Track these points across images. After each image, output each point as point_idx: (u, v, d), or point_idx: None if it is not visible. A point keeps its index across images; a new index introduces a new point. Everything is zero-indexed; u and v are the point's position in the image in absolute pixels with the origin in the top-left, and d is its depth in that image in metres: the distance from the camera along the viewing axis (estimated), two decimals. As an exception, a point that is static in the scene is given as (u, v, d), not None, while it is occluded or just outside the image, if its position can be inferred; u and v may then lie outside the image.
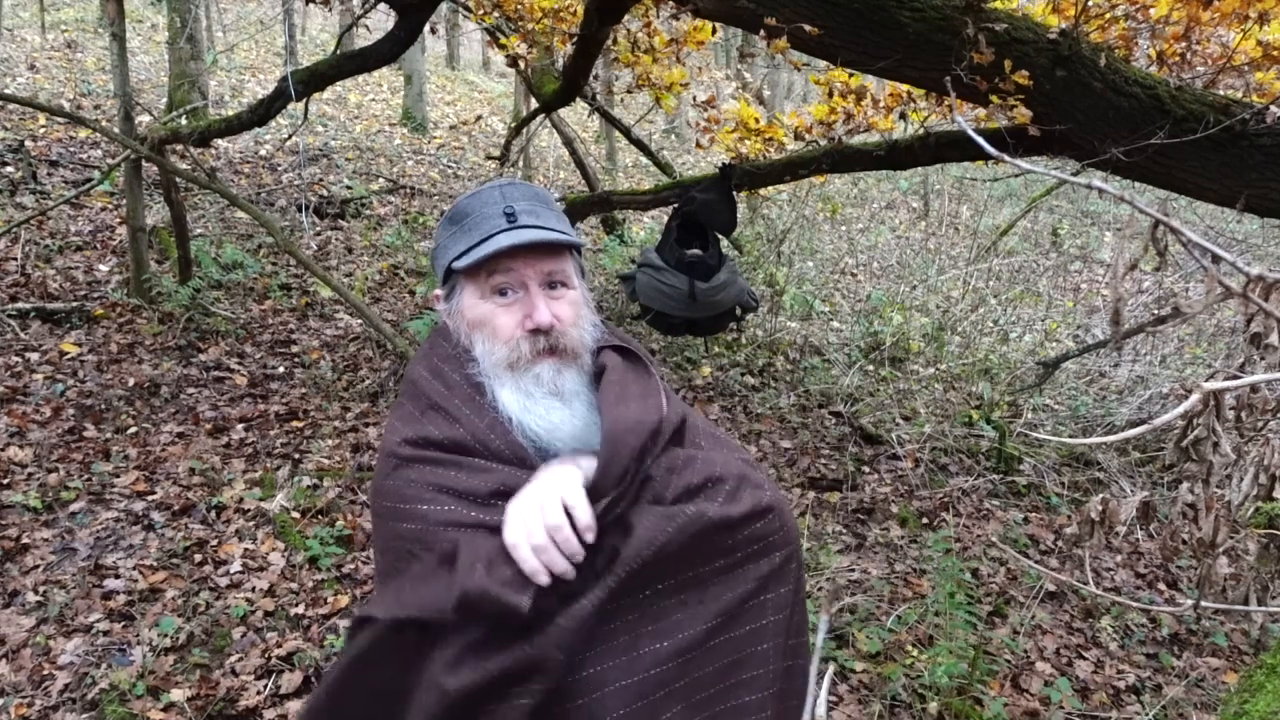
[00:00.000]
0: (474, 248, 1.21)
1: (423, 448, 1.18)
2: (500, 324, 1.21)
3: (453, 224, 1.26)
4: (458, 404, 1.21)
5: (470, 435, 1.18)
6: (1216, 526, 1.24)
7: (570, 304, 1.24)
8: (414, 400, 1.25)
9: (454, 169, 10.38)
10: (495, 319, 1.22)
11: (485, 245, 1.20)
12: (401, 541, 1.16)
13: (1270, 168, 2.87)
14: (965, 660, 3.00)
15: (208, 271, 5.83)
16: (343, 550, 3.48)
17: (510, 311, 1.22)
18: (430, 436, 1.18)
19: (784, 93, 14.15)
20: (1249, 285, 0.97)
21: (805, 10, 3.01)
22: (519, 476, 1.15)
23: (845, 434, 5.06)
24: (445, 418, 1.20)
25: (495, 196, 1.25)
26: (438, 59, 17.95)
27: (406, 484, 1.17)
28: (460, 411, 1.21)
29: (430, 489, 1.16)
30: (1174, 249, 3.97)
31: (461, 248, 1.23)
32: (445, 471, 1.16)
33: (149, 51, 12.22)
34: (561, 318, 1.22)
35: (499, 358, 1.21)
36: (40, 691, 2.68)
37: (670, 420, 1.21)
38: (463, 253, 1.22)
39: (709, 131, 4.64)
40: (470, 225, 1.24)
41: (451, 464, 1.17)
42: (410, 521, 1.15)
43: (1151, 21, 3.30)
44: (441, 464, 1.17)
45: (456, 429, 1.19)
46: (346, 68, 5.13)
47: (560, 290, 1.24)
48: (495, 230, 1.21)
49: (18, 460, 3.79)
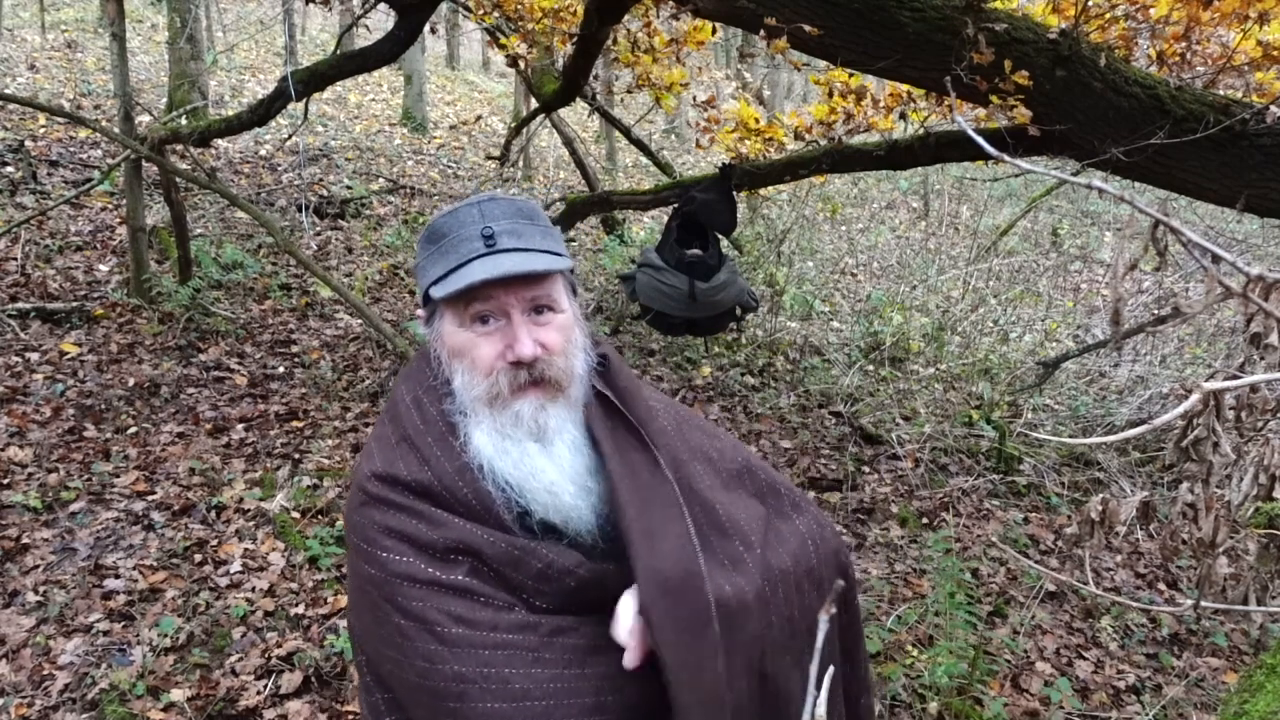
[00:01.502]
0: (450, 274, 1.14)
1: (389, 487, 1.15)
2: (480, 355, 1.15)
3: (430, 244, 1.19)
4: (430, 442, 1.17)
5: (437, 480, 1.15)
6: (1216, 526, 1.24)
7: (558, 330, 1.17)
8: (393, 424, 1.22)
9: (454, 169, 10.39)
10: (475, 349, 1.15)
11: (462, 274, 1.13)
12: (361, 581, 1.16)
13: (1270, 168, 2.86)
14: (965, 660, 3.00)
15: (208, 271, 5.83)
16: (342, 550, 3.48)
17: (491, 341, 1.15)
18: (398, 476, 1.15)
19: (784, 93, 14.15)
20: (1249, 285, 0.97)
21: (805, 10, 3.01)
22: (476, 534, 1.12)
23: (845, 434, 5.06)
24: (416, 456, 1.17)
25: (474, 215, 1.17)
26: (438, 59, 17.95)
27: (370, 524, 1.15)
28: (431, 451, 1.17)
29: (391, 535, 1.14)
30: (1174, 249, 3.96)
31: (439, 271, 1.16)
32: (406, 519, 1.14)
33: (149, 51, 12.22)
34: (548, 345, 1.15)
35: (478, 392, 1.15)
36: (40, 691, 2.68)
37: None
38: (440, 278, 1.15)
39: (709, 131, 4.63)
40: (447, 247, 1.16)
41: (413, 512, 1.14)
42: (371, 565, 1.14)
43: (1151, 21, 3.30)
44: (403, 509, 1.14)
45: (425, 471, 1.15)
46: (346, 68, 5.13)
47: (547, 315, 1.16)
48: (472, 256, 1.13)
49: (18, 460, 3.79)
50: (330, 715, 2.71)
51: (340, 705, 2.75)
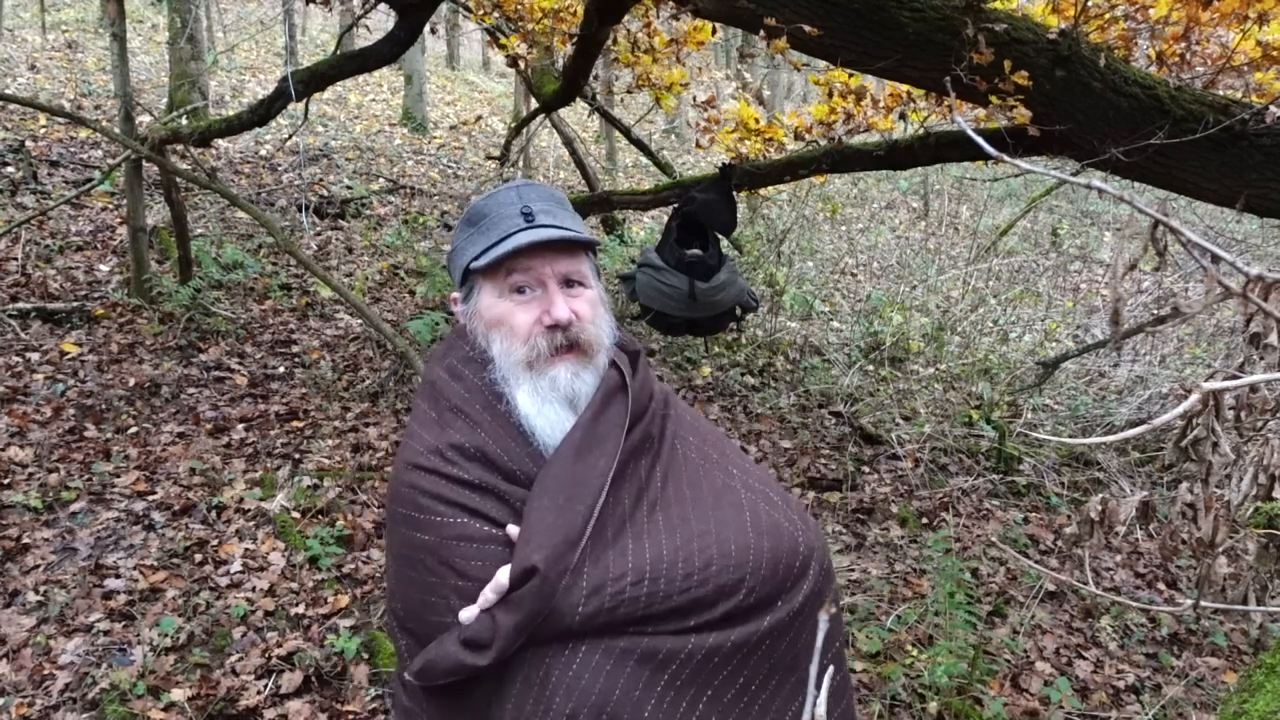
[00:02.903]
0: (492, 247, 1.21)
1: (444, 455, 1.18)
2: (518, 321, 1.21)
3: (470, 225, 1.27)
4: (479, 409, 1.21)
5: (493, 441, 1.19)
6: (1216, 526, 1.24)
7: (588, 302, 1.24)
8: (432, 402, 1.25)
9: (454, 169, 10.39)
10: (513, 316, 1.22)
11: (504, 244, 1.20)
12: (414, 551, 1.17)
13: (1270, 168, 2.87)
14: (965, 660, 3.00)
15: (208, 271, 5.83)
16: (343, 550, 3.48)
17: (528, 308, 1.22)
18: (453, 441, 1.18)
19: (784, 93, 14.15)
20: (1248, 285, 0.97)
21: (805, 10, 3.01)
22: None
23: (845, 434, 5.06)
24: (467, 422, 1.20)
25: (512, 197, 1.25)
26: (438, 59, 17.95)
27: (421, 492, 1.17)
28: (481, 417, 1.21)
29: (443, 501, 1.16)
30: (1174, 249, 3.97)
31: (479, 248, 1.23)
32: (460, 489, 1.16)
33: (149, 51, 12.22)
34: (580, 314, 1.22)
35: (518, 357, 1.21)
36: (41, 691, 2.68)
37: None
38: (481, 253, 1.22)
39: (709, 131, 4.64)
40: (487, 226, 1.24)
41: (468, 479, 1.17)
42: (425, 532, 1.16)
43: (1151, 22, 3.30)
44: (458, 478, 1.17)
45: (479, 434, 1.19)
46: (347, 68, 5.13)
47: (578, 289, 1.24)
48: (514, 230, 1.21)
49: (18, 460, 3.79)
50: (330, 715, 2.72)
51: (340, 705, 2.75)
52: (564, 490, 1.14)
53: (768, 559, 1.18)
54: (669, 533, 1.16)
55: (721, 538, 1.17)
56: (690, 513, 1.20)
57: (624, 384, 1.25)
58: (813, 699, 0.69)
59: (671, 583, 1.12)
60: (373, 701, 2.77)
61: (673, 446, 1.27)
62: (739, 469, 1.30)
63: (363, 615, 3.14)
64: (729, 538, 1.18)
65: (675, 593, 1.11)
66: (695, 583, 1.13)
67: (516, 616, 1.07)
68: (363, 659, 2.92)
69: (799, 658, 1.21)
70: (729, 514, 1.21)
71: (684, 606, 1.12)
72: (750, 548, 1.18)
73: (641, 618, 1.11)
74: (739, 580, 1.15)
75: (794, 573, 1.20)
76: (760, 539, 1.19)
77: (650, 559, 1.13)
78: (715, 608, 1.13)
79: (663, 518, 1.18)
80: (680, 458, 1.27)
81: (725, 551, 1.16)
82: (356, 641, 2.96)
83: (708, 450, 1.31)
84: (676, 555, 1.14)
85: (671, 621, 1.12)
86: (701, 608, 1.12)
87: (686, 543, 1.16)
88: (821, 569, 1.25)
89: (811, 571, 1.22)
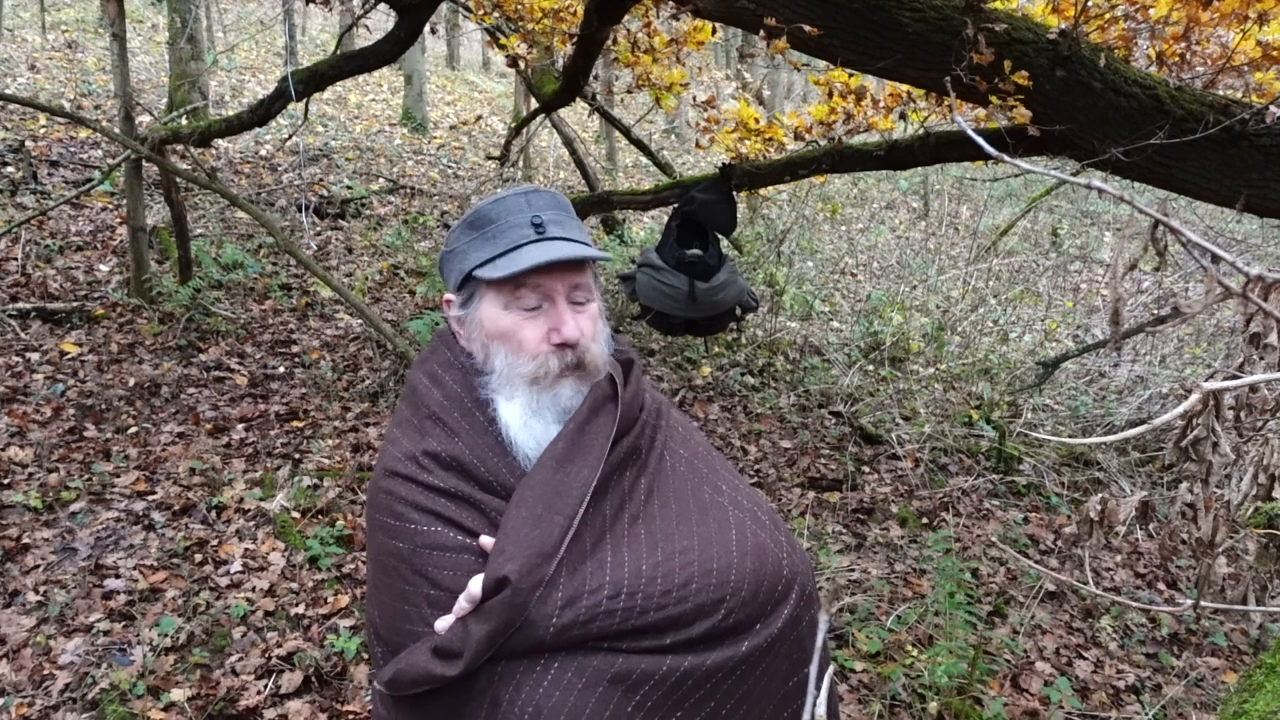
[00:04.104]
0: (501, 257, 1.18)
1: (419, 463, 1.17)
2: (526, 336, 1.18)
3: (473, 229, 1.22)
4: (456, 417, 1.20)
5: (469, 450, 1.17)
6: (1216, 526, 1.24)
7: (591, 318, 1.22)
8: (413, 407, 1.24)
9: (454, 169, 10.39)
10: (521, 331, 1.19)
11: (516, 257, 1.17)
12: (389, 558, 1.16)
13: (1270, 168, 2.87)
14: (965, 660, 3.00)
15: (208, 271, 5.83)
16: (343, 550, 3.48)
17: (536, 324, 1.19)
18: (429, 449, 1.17)
19: (784, 93, 14.15)
20: (1248, 285, 0.97)
21: (805, 10, 3.01)
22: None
23: (845, 434, 5.06)
24: (444, 430, 1.19)
25: (520, 204, 1.21)
26: (438, 59, 17.95)
27: (398, 499, 1.16)
28: (459, 425, 1.19)
29: (419, 509, 1.14)
30: (1174, 249, 3.97)
31: (485, 255, 1.20)
32: (435, 497, 1.15)
33: (149, 51, 12.22)
34: (585, 332, 1.20)
35: (523, 371, 1.18)
36: (41, 691, 2.68)
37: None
38: (487, 260, 1.19)
39: (709, 131, 4.64)
40: (495, 233, 1.20)
41: (443, 486, 1.16)
42: (400, 539, 1.15)
43: (1151, 22, 3.30)
44: (433, 486, 1.16)
45: (455, 443, 1.17)
46: (347, 68, 5.13)
47: (583, 304, 1.22)
48: (524, 241, 1.18)
49: (18, 460, 3.79)
50: (330, 715, 2.72)
51: (340, 705, 2.75)
52: (543, 501, 1.12)
53: (750, 580, 1.16)
54: (650, 547, 1.14)
55: (704, 555, 1.15)
56: (674, 528, 1.17)
57: (614, 395, 1.23)
58: (813, 699, 0.69)
59: (649, 598, 1.09)
60: (373, 702, 2.77)
61: (661, 459, 1.25)
62: (729, 485, 1.28)
63: (363, 615, 3.14)
64: (712, 555, 1.15)
65: (652, 609, 1.09)
66: (673, 600, 1.10)
67: (488, 626, 1.05)
68: (363, 659, 2.92)
69: (771, 687, 1.19)
70: (714, 531, 1.19)
71: (660, 624, 1.10)
72: (733, 568, 1.15)
73: (617, 633, 1.08)
74: (719, 600, 1.12)
75: (775, 596, 1.18)
76: (744, 559, 1.17)
77: (629, 573, 1.11)
78: (693, 627, 1.11)
79: (644, 532, 1.16)
80: (668, 471, 1.25)
81: (707, 570, 1.14)
82: (356, 641, 2.96)
83: (698, 465, 1.28)
84: (656, 571, 1.11)
85: (647, 638, 1.09)
86: (679, 626, 1.10)
87: (668, 558, 1.13)
88: (803, 594, 1.22)
89: (793, 596, 1.20)
